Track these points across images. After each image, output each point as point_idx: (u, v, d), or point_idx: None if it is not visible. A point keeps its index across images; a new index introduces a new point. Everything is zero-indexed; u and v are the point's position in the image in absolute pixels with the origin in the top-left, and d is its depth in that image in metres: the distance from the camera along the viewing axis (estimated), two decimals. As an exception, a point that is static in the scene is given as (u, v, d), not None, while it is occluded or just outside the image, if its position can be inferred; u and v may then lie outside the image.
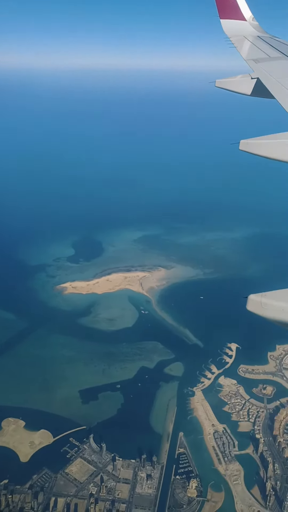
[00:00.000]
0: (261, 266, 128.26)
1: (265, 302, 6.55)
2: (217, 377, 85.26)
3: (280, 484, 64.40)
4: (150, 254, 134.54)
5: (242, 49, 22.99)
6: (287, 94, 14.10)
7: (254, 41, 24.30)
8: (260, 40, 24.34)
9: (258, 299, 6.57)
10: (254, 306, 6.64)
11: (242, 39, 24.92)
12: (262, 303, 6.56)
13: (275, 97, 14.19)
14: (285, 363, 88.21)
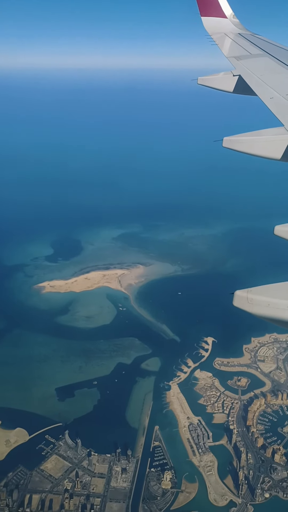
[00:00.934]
0: (238, 261, 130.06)
1: (251, 298, 6.58)
2: (193, 370, 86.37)
3: (252, 473, 65.74)
4: (129, 251, 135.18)
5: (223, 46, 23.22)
6: (269, 91, 14.31)
7: (235, 38, 24.61)
8: (241, 37, 24.69)
9: (244, 294, 6.64)
10: (240, 302, 6.71)
11: (223, 37, 25.09)
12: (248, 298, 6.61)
13: (257, 93, 14.45)
14: (259, 355, 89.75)
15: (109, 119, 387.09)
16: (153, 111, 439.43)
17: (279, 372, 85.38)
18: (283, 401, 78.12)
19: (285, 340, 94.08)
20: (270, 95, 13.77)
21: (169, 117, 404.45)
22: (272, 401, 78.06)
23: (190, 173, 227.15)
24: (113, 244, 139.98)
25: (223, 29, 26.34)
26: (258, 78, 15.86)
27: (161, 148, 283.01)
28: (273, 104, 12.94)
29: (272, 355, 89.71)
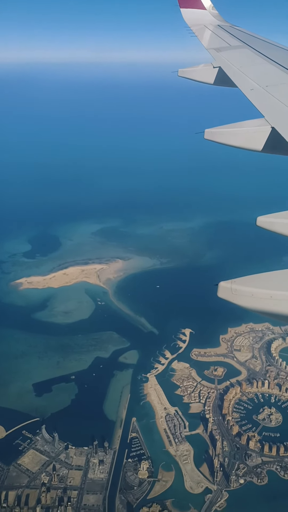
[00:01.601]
0: (216, 253, 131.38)
1: (235, 288, 6.45)
2: (170, 362, 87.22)
3: (228, 460, 66.95)
4: (108, 246, 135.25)
5: (203, 38, 23.08)
6: (249, 82, 14.29)
7: (215, 30, 24.51)
8: (220, 29, 24.59)
9: (228, 285, 6.50)
10: (224, 293, 6.54)
11: (202, 28, 24.93)
12: (232, 289, 6.47)
13: (237, 85, 14.40)
14: (235, 345, 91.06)
15: (88, 114, 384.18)
16: (133, 105, 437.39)
17: (255, 360, 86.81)
18: (258, 389, 79.53)
19: (261, 330, 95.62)
20: (250, 86, 13.83)
21: (149, 111, 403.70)
22: (248, 389, 79.41)
23: (170, 166, 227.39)
24: (92, 239, 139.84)
25: (203, 20, 26.34)
26: (238, 69, 15.91)
27: (142, 142, 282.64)
28: (254, 95, 13.03)
29: (248, 345, 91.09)
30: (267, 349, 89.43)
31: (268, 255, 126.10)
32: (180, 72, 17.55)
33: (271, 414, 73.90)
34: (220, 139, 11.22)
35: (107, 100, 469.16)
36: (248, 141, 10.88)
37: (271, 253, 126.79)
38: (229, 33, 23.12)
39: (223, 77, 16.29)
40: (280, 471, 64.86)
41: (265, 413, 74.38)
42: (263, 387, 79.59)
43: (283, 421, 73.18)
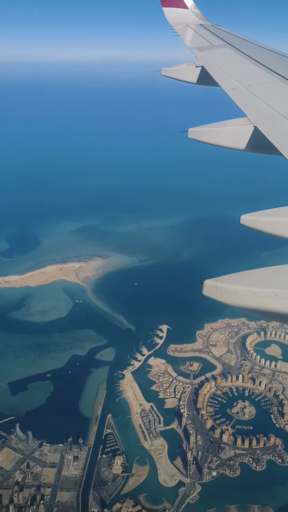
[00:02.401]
0: (194, 250, 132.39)
1: (220, 286, 6.45)
2: (147, 358, 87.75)
3: (201, 453, 67.75)
4: (87, 244, 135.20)
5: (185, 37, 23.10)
6: (231, 81, 14.30)
7: (197, 29, 24.55)
8: (202, 28, 24.62)
9: (213, 283, 6.50)
10: (209, 291, 6.54)
11: (185, 27, 24.95)
12: (217, 287, 6.47)
13: (220, 84, 14.41)
14: (211, 340, 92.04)
15: (69, 114, 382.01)
16: (114, 104, 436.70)
17: (230, 355, 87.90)
18: (233, 383, 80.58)
19: (237, 325, 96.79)
20: (232, 86, 13.87)
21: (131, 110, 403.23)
22: (222, 383, 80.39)
23: (151, 165, 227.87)
24: (71, 238, 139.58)
25: (185, 20, 26.42)
26: (220, 69, 15.97)
27: (123, 142, 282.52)
28: (236, 95, 13.04)
29: (224, 340, 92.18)
30: (242, 343, 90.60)
31: (246, 252, 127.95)
32: (163, 71, 17.53)
33: (245, 408, 74.96)
34: (204, 138, 11.29)
35: (88, 100, 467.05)
36: (231, 140, 10.94)
37: (249, 250, 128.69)
38: (211, 32, 23.31)
39: (205, 76, 16.39)
40: (252, 463, 65.92)
41: (238, 406, 75.42)
42: (237, 381, 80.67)
43: (256, 414, 74.34)
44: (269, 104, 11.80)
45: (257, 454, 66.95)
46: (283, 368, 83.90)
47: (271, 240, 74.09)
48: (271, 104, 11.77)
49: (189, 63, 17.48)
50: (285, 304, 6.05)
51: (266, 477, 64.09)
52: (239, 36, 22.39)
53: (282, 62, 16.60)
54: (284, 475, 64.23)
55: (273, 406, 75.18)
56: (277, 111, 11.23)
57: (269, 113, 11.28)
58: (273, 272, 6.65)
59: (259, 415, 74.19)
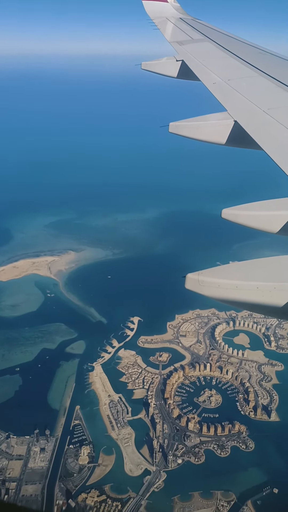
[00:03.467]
0: (168, 243, 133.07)
1: (202, 280, 6.48)
2: (117, 350, 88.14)
3: (167, 441, 68.58)
4: (61, 238, 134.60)
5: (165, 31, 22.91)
6: (211, 76, 14.21)
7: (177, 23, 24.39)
8: (182, 22, 24.48)
9: (196, 277, 6.52)
10: (191, 284, 6.57)
11: (164, 21, 24.79)
12: (199, 281, 6.50)
13: (200, 79, 14.30)
14: (181, 331, 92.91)
15: (45, 108, 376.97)
16: (93, 98, 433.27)
17: (199, 345, 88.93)
18: (200, 372, 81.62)
19: (207, 315, 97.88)
20: (212, 80, 13.82)
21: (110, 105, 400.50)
22: (190, 373, 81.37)
23: (131, 158, 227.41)
24: (44, 232, 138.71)
25: (165, 13, 26.25)
26: (201, 63, 15.93)
27: (101, 136, 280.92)
28: (216, 89, 13.01)
29: (194, 330, 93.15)
30: (211, 333, 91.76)
31: (219, 244, 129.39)
32: (143, 65, 17.38)
33: (211, 396, 76.09)
34: (185, 133, 11.29)
35: (65, 93, 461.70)
36: (212, 135, 10.97)
37: (221, 242, 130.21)
38: (191, 26, 23.23)
39: (186, 70, 16.33)
40: (217, 450, 67.07)
41: (205, 395, 76.51)
42: (205, 370, 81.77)
43: (222, 402, 75.54)
44: (249, 98, 11.86)
45: (222, 441, 68.13)
46: (250, 356, 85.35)
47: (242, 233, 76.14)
48: (251, 98, 11.85)
49: (170, 57, 17.44)
50: (266, 296, 6.13)
51: (230, 463, 65.27)
52: (218, 30, 22.47)
53: (262, 57, 16.76)
54: (248, 461, 65.54)
55: (239, 394, 76.49)
56: (257, 106, 11.28)
57: (249, 107, 11.32)
58: (254, 265, 6.71)
59: (225, 403, 75.41)
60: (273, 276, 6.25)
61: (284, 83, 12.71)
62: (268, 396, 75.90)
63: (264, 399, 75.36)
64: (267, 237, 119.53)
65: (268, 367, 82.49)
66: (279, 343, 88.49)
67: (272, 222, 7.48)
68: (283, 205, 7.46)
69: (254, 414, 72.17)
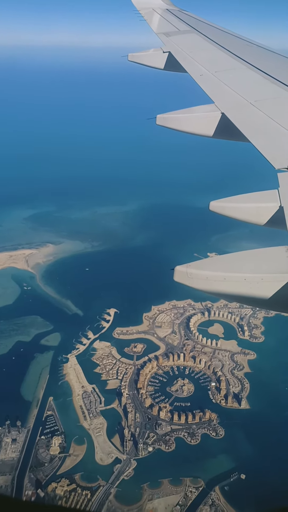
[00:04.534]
0: (147, 235, 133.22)
1: (191, 272, 6.50)
2: (92, 342, 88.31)
3: (139, 430, 69.16)
4: (40, 231, 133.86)
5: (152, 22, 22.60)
6: (198, 68, 14.09)
7: (164, 14, 24.03)
8: (169, 13, 24.15)
9: (184, 269, 6.54)
10: (180, 276, 6.56)
11: (151, 12, 24.34)
12: (187, 273, 6.51)
13: (187, 70, 14.12)
14: (157, 322, 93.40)
15: (29, 100, 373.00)
16: (78, 90, 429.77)
17: (174, 335, 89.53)
18: (174, 362, 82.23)
19: (183, 306, 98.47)
20: (199, 72, 13.71)
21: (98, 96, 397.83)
22: (164, 363, 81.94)
23: (113, 150, 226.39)
24: (23, 225, 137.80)
25: (151, 4, 25.77)
26: (188, 55, 15.80)
27: (85, 128, 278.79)
28: (203, 81, 12.90)
29: (169, 321, 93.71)
30: (186, 324, 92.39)
31: (197, 236, 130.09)
32: (130, 57, 17.29)
33: (184, 385, 76.79)
34: (172, 125, 11.28)
35: (50, 85, 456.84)
36: (199, 127, 10.96)
37: (200, 234, 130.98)
38: (178, 17, 23.03)
39: (173, 62, 16.16)
40: (187, 437, 67.84)
41: (178, 384, 77.20)
42: (179, 360, 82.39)
43: (194, 391, 76.32)
44: (236, 91, 11.79)
45: (193, 429, 68.94)
46: (224, 346, 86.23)
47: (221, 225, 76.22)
48: (238, 91, 11.78)
49: (156, 49, 17.24)
50: (254, 288, 6.17)
51: (200, 451, 66.11)
52: (204, 21, 22.31)
53: (249, 49, 16.71)
54: (217, 448, 66.43)
55: (211, 383, 77.34)
56: (244, 98, 11.23)
57: (236, 100, 11.26)
58: (241, 258, 6.77)
59: (197, 392, 76.20)
60: (260, 267, 6.30)
61: (271, 75, 12.77)
62: (239, 384, 76.87)
63: (236, 387, 76.31)
64: (245, 228, 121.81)
65: (241, 356, 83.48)
66: (252, 332, 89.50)
67: (258, 214, 7.59)
68: (270, 197, 7.51)
69: (225, 402, 73.09)
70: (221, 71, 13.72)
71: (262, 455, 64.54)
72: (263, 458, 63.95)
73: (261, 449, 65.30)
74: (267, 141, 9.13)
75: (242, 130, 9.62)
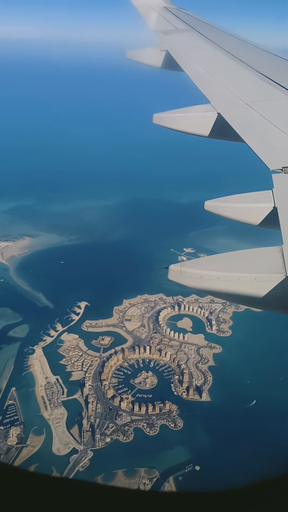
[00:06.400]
0: (126, 230, 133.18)
1: (185, 271, 6.56)
2: (60, 334, 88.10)
3: (98, 420, 69.16)
4: (18, 224, 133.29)
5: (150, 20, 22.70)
6: (195, 67, 14.15)
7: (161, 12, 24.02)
8: (167, 11, 24.12)
9: (178, 268, 6.58)
10: (174, 275, 6.61)
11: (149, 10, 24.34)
12: (182, 272, 6.57)
13: (184, 70, 14.13)
14: (127, 315, 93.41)
15: (22, 95, 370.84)
16: (78, 86, 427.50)
17: (142, 329, 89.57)
18: (140, 355, 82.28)
19: (154, 300, 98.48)
20: (196, 71, 13.77)
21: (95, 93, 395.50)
22: (130, 356, 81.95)
23: (101, 147, 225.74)
24: (1, 217, 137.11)
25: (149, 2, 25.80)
26: (185, 54, 15.84)
27: (78, 124, 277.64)
28: (200, 81, 12.97)
29: (139, 314, 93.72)
30: (156, 318, 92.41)
31: (175, 232, 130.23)
32: (128, 55, 17.34)
33: (147, 378, 76.87)
34: (168, 124, 11.33)
35: (45, 80, 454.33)
36: (196, 127, 11.00)
37: (178, 230, 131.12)
38: (176, 16, 23.05)
39: (170, 61, 16.15)
40: (146, 428, 67.93)
41: (141, 377, 77.27)
42: (145, 353, 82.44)
43: (157, 383, 76.40)
44: (232, 91, 11.83)
45: (152, 420, 69.02)
46: (191, 339, 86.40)
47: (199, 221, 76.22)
48: (234, 91, 11.81)
49: (154, 47, 17.30)
50: (247, 287, 6.19)
51: (157, 442, 66.16)
52: (203, 20, 22.35)
53: (246, 49, 16.75)
54: (175, 439, 66.53)
55: (175, 376, 77.47)
56: (240, 99, 11.28)
57: (232, 100, 11.29)
58: (235, 257, 6.78)
59: (160, 384, 76.28)
60: (254, 267, 6.32)
61: (267, 76, 12.78)
62: (202, 377, 77.09)
63: (198, 380, 76.53)
64: (222, 225, 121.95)
65: (207, 349, 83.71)
66: (220, 326, 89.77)
67: (252, 214, 7.62)
68: (264, 198, 7.54)
69: (187, 395, 73.28)
70: (218, 71, 13.84)
71: (217, 447, 64.76)
72: (219, 450, 64.17)
73: (217, 442, 65.52)
74: (262, 142, 9.20)
75: (237, 131, 9.70)
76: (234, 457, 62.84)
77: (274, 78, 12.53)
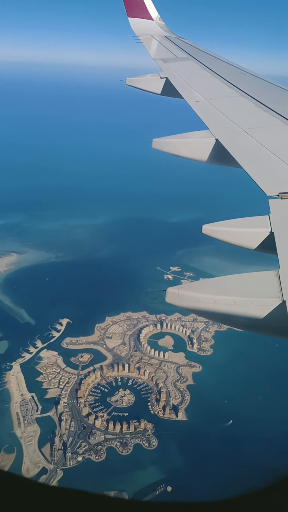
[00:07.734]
0: (113, 248, 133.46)
1: (182, 294, 6.61)
2: (40, 351, 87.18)
3: (71, 439, 67.77)
4: (5, 241, 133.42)
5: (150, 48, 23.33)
6: (194, 94, 14.56)
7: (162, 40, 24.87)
8: (167, 40, 24.96)
9: (176, 291, 6.64)
10: (172, 298, 6.67)
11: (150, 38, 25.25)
12: (179, 294, 6.62)
13: (183, 96, 14.53)
14: (108, 333, 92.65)
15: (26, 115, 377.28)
16: (77, 109, 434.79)
17: (123, 346, 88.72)
18: (119, 372, 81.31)
19: (137, 318, 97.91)
20: (195, 98, 14.13)
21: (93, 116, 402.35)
22: (108, 373, 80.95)
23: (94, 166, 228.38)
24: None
25: (150, 30, 26.70)
26: (184, 81, 16.27)
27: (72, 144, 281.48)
28: (199, 107, 13.33)
29: (121, 332, 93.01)
30: (137, 335, 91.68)
31: (163, 251, 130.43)
32: (128, 81, 17.56)
33: (124, 396, 75.77)
34: (167, 149, 11.53)
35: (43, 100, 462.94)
36: (194, 152, 11.23)
37: (165, 249, 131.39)
38: (176, 44, 23.74)
39: (169, 87, 16.57)
40: (119, 447, 66.58)
41: (118, 395, 76.17)
42: (124, 371, 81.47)
43: (134, 401, 75.26)
44: (230, 118, 12.14)
45: (126, 439, 67.70)
46: (171, 358, 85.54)
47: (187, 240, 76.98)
48: (232, 118, 12.13)
49: (154, 74, 17.70)
50: (245, 311, 6.22)
51: (130, 461, 64.74)
52: (202, 49, 23.00)
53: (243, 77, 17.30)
54: (148, 459, 65.14)
55: (152, 394, 76.38)
56: (237, 125, 11.55)
57: (230, 127, 11.56)
58: (233, 281, 6.84)
59: (137, 402, 75.12)
60: (251, 291, 6.34)
61: (264, 103, 13.19)
62: (180, 396, 76.01)
63: (176, 399, 75.42)
64: (210, 244, 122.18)
65: (186, 368, 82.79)
66: (201, 345, 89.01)
67: (250, 238, 7.72)
68: (261, 223, 7.65)
69: (163, 413, 72.10)
70: (216, 98, 14.18)
71: (191, 467, 63.36)
72: (192, 471, 62.75)
73: (191, 461, 64.12)
74: (259, 168, 9.40)
75: (235, 156, 9.88)
76: (207, 478, 61.37)
77: (271, 106, 12.98)
